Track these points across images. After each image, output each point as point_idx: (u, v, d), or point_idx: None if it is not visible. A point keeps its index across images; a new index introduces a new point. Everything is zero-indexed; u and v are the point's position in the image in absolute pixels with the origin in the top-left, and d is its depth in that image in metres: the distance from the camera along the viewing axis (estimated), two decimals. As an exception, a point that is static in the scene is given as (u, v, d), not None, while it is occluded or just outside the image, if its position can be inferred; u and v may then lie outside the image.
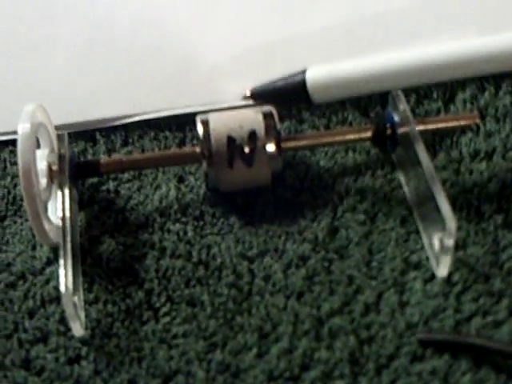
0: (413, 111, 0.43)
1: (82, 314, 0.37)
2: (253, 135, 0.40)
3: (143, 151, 0.45)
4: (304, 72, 0.43)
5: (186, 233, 0.41)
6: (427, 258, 0.38)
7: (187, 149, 0.42)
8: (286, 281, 0.38)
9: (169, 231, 0.41)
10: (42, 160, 0.41)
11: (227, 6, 0.49)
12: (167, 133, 0.45)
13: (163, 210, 0.42)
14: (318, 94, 0.42)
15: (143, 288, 0.39)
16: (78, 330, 0.36)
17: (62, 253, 0.37)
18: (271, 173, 0.41)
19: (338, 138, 0.42)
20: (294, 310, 0.37)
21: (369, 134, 0.41)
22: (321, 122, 0.45)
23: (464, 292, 0.37)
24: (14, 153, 0.46)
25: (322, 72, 0.43)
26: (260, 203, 0.41)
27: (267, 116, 0.40)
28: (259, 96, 0.44)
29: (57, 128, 0.43)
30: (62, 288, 0.35)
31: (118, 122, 0.46)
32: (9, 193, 0.44)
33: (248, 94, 0.44)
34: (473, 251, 0.38)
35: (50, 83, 0.47)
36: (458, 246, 0.38)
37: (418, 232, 0.39)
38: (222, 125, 0.40)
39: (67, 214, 0.39)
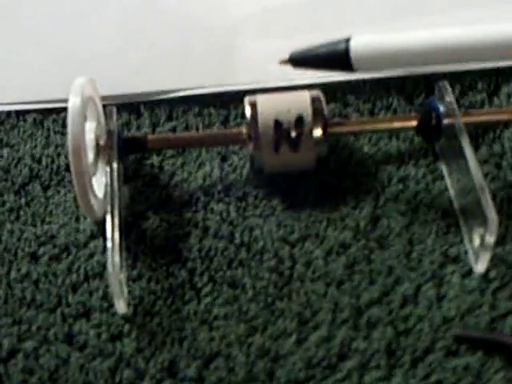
0: (457, 102, 0.43)
1: (126, 291, 0.38)
2: (300, 120, 0.40)
3: (187, 127, 0.45)
4: (348, 40, 0.41)
5: (228, 213, 0.41)
6: (466, 252, 0.39)
7: (233, 130, 0.42)
8: (326, 268, 0.39)
9: (212, 211, 0.42)
10: (90, 133, 0.41)
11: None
12: (211, 109, 0.46)
13: (207, 189, 0.42)
14: (361, 63, 0.41)
15: (186, 267, 0.40)
16: (121, 307, 0.37)
17: (108, 231, 0.37)
18: (316, 157, 0.40)
19: (383, 126, 0.42)
20: (333, 297, 0.38)
21: (414, 123, 0.42)
22: (365, 106, 0.45)
23: (501, 289, 0.38)
24: (57, 122, 0.47)
25: (367, 41, 0.41)
26: (303, 187, 0.42)
27: (315, 100, 0.41)
28: (298, 62, 0.43)
29: (102, 99, 0.44)
30: (110, 267, 0.36)
31: (162, 96, 0.46)
32: (52, 162, 0.45)
33: (286, 58, 0.43)
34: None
35: (96, 53, 0.48)
36: (497, 242, 0.38)
37: (458, 225, 0.40)
38: (269, 108, 0.40)
39: (115, 190, 0.39)
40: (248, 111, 0.40)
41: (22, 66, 0.48)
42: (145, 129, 0.45)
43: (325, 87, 0.44)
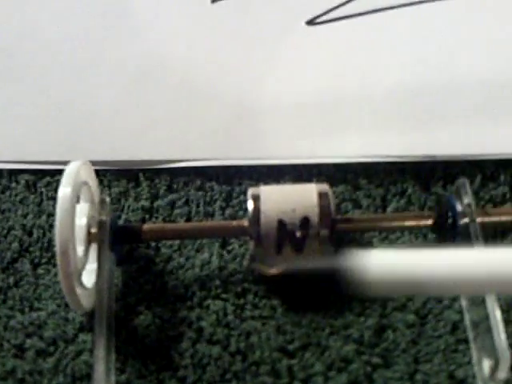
0: (476, 194, 0.40)
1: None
2: (306, 221, 0.37)
3: (187, 202, 0.43)
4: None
5: (225, 313, 0.39)
6: (474, 376, 0.36)
7: (234, 223, 0.40)
8: (326, 386, 0.37)
9: (208, 308, 0.39)
10: (82, 216, 0.38)
11: (288, 56, 0.45)
12: (214, 184, 0.43)
13: (204, 280, 0.40)
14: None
15: (177, 376, 0.38)
16: None
17: (97, 342, 0.35)
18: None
19: (396, 224, 0.39)
20: (332, 422, 0.36)
21: (429, 221, 0.39)
22: (377, 192, 0.42)
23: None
24: (51, 185, 0.44)
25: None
26: (306, 288, 0.39)
27: (323, 197, 0.38)
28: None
29: (100, 164, 0.43)
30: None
31: (163, 166, 0.43)
32: (44, 235, 0.43)
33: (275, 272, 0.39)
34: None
35: (96, 115, 0.45)
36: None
37: (467, 341, 0.37)
38: (273, 205, 0.38)
39: (104, 295, 0.37)
40: (250, 206, 0.38)
41: (18, 124, 0.46)
42: (143, 200, 0.43)
43: (334, 167, 0.43)
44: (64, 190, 0.37)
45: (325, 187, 0.39)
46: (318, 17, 0.45)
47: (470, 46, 0.43)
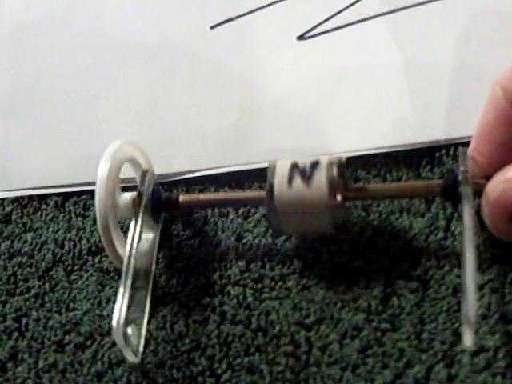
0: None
1: (137, 342, 0.41)
2: (316, 163, 0.41)
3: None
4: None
5: (245, 297, 0.42)
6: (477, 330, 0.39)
7: (256, 193, 0.45)
8: (341, 352, 0.40)
9: (229, 294, 0.43)
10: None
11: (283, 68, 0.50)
12: (227, 188, 0.47)
13: (223, 271, 0.43)
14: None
15: (205, 354, 0.41)
16: (130, 356, 0.39)
17: (122, 286, 0.40)
18: (333, 221, 0.41)
19: (408, 192, 0.43)
20: (348, 382, 0.39)
21: (438, 189, 0.41)
22: (376, 180, 0.46)
23: (510, 367, 0.38)
24: (78, 204, 0.48)
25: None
26: (317, 268, 0.43)
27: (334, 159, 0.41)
28: None
29: (121, 181, 0.45)
30: (114, 322, 0.38)
31: (179, 177, 0.47)
32: (74, 246, 0.46)
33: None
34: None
35: (114, 137, 0.49)
36: (507, 319, 0.39)
37: (468, 302, 0.40)
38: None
39: (133, 251, 0.41)
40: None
41: (44, 153, 0.50)
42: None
43: None
44: (102, 167, 0.42)
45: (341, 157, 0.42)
46: (307, 32, 0.50)
47: (451, 44, 0.48)
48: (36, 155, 0.50)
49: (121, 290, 0.39)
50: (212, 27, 0.51)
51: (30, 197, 0.49)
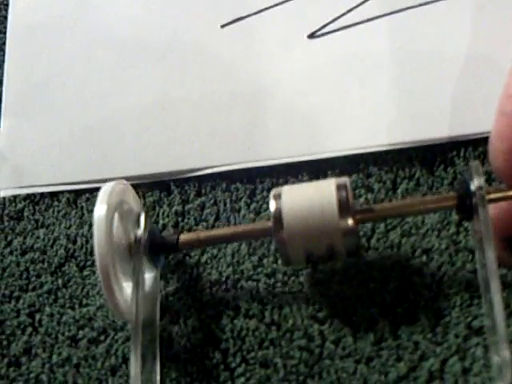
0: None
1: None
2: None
3: (215, 202, 0.47)
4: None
5: (258, 291, 0.43)
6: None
7: (259, 225, 0.43)
8: (355, 345, 0.40)
9: (242, 289, 0.43)
10: (123, 232, 0.41)
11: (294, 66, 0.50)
12: (238, 184, 0.47)
13: (236, 266, 0.44)
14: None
15: (220, 348, 0.41)
16: None
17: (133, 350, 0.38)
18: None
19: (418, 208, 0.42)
20: (362, 375, 0.39)
21: (452, 203, 0.41)
22: (387, 176, 0.46)
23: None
24: (90, 200, 0.48)
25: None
26: (329, 263, 0.43)
27: (340, 188, 0.40)
28: None
29: (134, 178, 0.46)
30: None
31: (191, 174, 0.47)
32: (87, 242, 0.46)
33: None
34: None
35: (126, 136, 0.49)
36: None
37: (480, 297, 0.41)
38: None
39: (139, 304, 0.39)
40: (272, 206, 0.41)
41: (56, 150, 0.50)
42: (175, 206, 0.47)
43: (347, 159, 0.46)
44: (99, 208, 0.39)
45: (344, 180, 0.41)
46: (318, 30, 0.50)
47: (460, 42, 0.48)
48: (47, 153, 0.50)
49: (132, 358, 0.38)
50: (222, 26, 0.52)
51: (42, 194, 0.49)
